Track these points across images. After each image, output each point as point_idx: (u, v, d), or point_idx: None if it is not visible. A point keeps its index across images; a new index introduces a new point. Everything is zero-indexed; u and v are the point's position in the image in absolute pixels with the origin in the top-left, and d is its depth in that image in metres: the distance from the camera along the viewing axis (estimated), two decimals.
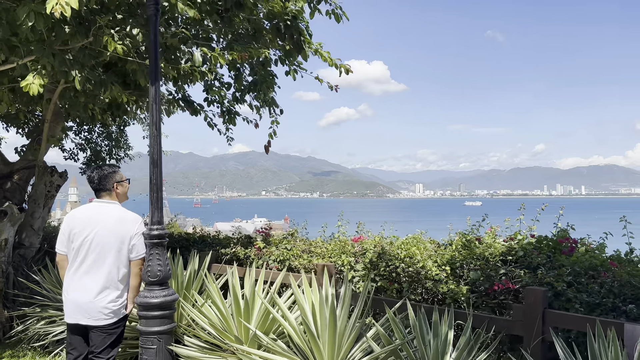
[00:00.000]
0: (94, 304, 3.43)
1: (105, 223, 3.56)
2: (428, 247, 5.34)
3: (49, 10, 3.73)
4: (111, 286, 3.50)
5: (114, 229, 3.56)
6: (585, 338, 2.95)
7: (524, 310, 3.38)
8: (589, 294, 3.64)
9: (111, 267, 3.50)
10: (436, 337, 3.17)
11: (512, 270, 4.34)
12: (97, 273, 3.48)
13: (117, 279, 3.53)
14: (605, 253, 4.61)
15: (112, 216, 3.60)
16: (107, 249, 3.51)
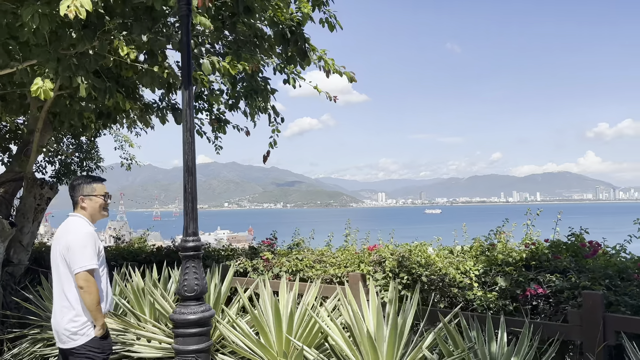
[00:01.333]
0: (59, 324, 3.36)
1: (57, 239, 3.46)
2: (441, 255, 5.30)
3: (63, 12, 3.52)
4: (65, 305, 3.34)
5: (57, 243, 3.42)
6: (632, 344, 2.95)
7: (582, 315, 3.35)
8: (630, 296, 3.66)
9: (62, 285, 3.36)
10: (495, 344, 3.09)
11: (543, 275, 4.33)
12: (55, 292, 3.43)
13: (69, 297, 3.33)
14: (626, 255, 4.67)
15: (63, 230, 3.47)
16: (55, 266, 3.41)
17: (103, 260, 3.47)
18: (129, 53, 4.37)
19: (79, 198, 3.47)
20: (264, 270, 5.89)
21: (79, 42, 4.55)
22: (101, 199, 3.51)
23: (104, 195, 3.53)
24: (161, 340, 4.18)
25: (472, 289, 4.59)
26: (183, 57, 3.57)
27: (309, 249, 6.43)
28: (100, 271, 3.41)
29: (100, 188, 3.54)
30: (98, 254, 3.38)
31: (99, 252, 3.40)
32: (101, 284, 3.41)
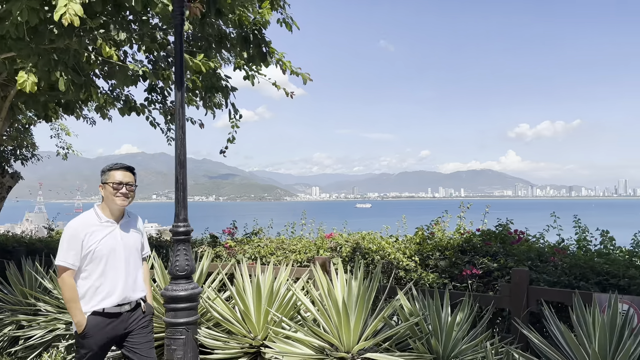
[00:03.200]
0: None
1: None
2: (390, 242, 5.99)
3: (57, 18, 3.73)
4: None
5: None
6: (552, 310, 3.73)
7: (511, 287, 4.12)
8: (547, 274, 4.50)
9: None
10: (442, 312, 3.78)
11: (477, 258, 5.11)
12: None
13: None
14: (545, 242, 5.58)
15: None
16: None
17: (99, 256, 3.27)
18: (111, 55, 4.61)
19: (99, 186, 3.42)
20: (227, 257, 6.31)
21: (58, 38, 4.74)
22: (110, 186, 3.33)
23: (117, 182, 3.34)
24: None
25: (417, 270, 5.30)
26: (176, 61, 3.93)
27: (268, 238, 6.92)
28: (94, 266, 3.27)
29: (116, 175, 3.37)
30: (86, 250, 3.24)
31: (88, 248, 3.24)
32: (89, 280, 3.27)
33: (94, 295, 3.28)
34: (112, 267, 3.32)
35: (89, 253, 3.26)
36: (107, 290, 3.30)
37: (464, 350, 3.67)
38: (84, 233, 3.26)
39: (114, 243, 3.34)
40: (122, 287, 3.34)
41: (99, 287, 3.29)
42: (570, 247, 5.45)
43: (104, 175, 3.41)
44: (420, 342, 3.54)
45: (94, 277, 3.29)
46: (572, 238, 5.66)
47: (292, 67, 7.30)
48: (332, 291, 3.80)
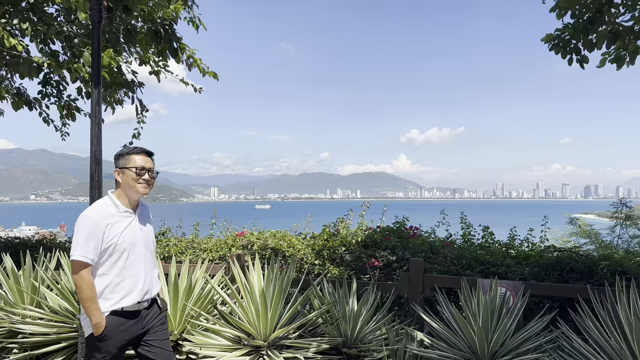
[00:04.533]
0: None
1: None
2: (299, 239, 6.31)
3: None
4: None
5: None
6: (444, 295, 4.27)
7: (409, 276, 4.60)
8: (439, 264, 5.08)
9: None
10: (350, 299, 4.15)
11: (378, 252, 5.59)
12: None
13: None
14: (436, 237, 6.23)
15: None
16: None
17: (121, 250, 2.96)
18: (15, 45, 4.40)
19: (114, 172, 3.05)
20: None
21: None
22: (133, 171, 2.99)
23: (139, 168, 3.00)
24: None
25: (325, 264, 5.66)
26: (94, 59, 3.88)
27: (176, 237, 6.90)
28: (114, 261, 2.95)
29: (137, 159, 3.04)
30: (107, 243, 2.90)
31: (110, 241, 2.91)
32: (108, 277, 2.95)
33: (113, 293, 2.96)
34: (133, 262, 3.02)
35: (109, 247, 2.92)
36: (127, 287, 2.99)
37: (369, 332, 4.07)
38: (105, 224, 2.90)
39: (134, 235, 3.04)
40: (143, 284, 3.06)
41: (118, 284, 2.97)
42: (457, 241, 6.16)
43: (122, 159, 3.05)
44: (332, 327, 3.86)
45: (113, 273, 2.96)
46: (458, 233, 6.39)
47: (202, 65, 7.36)
48: (250, 284, 4.00)
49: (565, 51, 4.86)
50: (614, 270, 4.49)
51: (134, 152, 3.06)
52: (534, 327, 3.78)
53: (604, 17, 4.96)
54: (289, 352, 3.76)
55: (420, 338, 3.93)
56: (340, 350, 3.95)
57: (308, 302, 4.41)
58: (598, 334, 3.41)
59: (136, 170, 2.99)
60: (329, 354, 3.94)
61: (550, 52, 4.86)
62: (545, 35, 4.96)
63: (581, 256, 4.83)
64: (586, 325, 3.51)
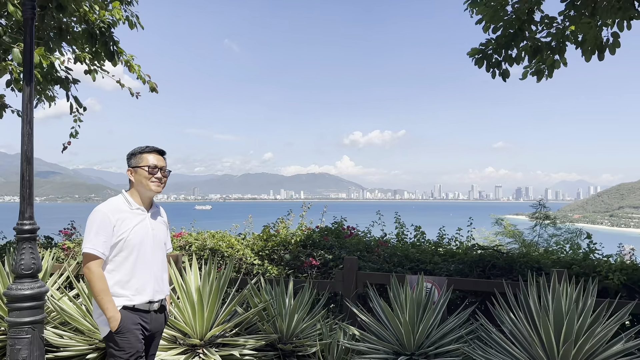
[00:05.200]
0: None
1: None
2: (239, 239, 6.37)
3: None
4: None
5: None
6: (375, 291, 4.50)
7: (343, 273, 4.79)
8: (372, 262, 5.31)
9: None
10: (287, 297, 4.28)
11: (316, 251, 5.75)
12: None
13: None
14: (372, 236, 6.48)
15: None
16: None
17: (131, 246, 2.91)
18: None
19: (127, 171, 3.06)
20: (66, 258, 6.03)
21: None
22: (145, 170, 2.98)
23: (152, 166, 3.00)
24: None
25: (264, 264, 5.76)
26: (26, 56, 3.76)
27: None
28: (124, 257, 2.90)
29: (150, 158, 3.04)
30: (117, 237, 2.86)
31: (120, 236, 2.87)
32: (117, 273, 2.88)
33: (124, 289, 2.90)
34: (143, 260, 2.96)
35: (119, 242, 2.88)
36: (137, 286, 2.93)
37: (305, 328, 4.21)
38: (116, 218, 2.87)
39: (145, 233, 2.98)
40: (154, 283, 3.00)
41: (128, 281, 2.91)
42: (392, 240, 6.44)
43: (134, 158, 3.06)
44: (268, 324, 3.98)
45: (122, 270, 2.90)
46: (393, 233, 6.68)
47: (141, 73, 7.22)
48: (186, 284, 4.04)
49: (489, 65, 5.22)
50: (531, 266, 4.89)
51: (146, 151, 3.06)
52: (456, 320, 4.07)
53: (524, 34, 5.38)
54: (225, 349, 3.84)
55: (352, 332, 4.12)
56: (275, 346, 4.07)
57: (245, 301, 4.50)
58: (512, 325, 3.73)
59: (148, 169, 2.99)
60: (265, 350, 4.05)
61: (475, 65, 5.22)
62: (470, 50, 5.32)
63: (502, 254, 5.21)
64: (502, 317, 3.83)
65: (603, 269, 4.69)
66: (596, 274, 4.65)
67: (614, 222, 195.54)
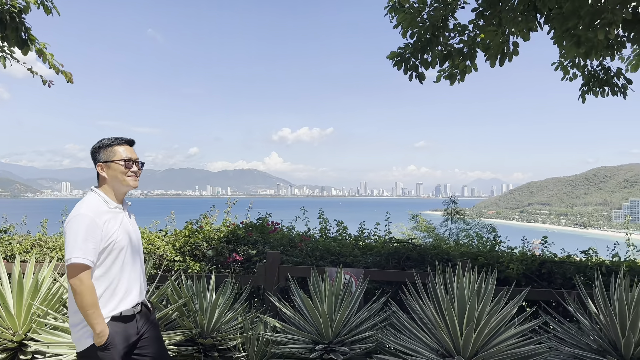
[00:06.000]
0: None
1: None
2: (159, 235, 6.27)
3: None
4: (69, 301, 2.69)
5: None
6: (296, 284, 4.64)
7: (266, 267, 4.87)
8: (295, 256, 5.45)
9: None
10: (208, 292, 4.30)
11: (240, 246, 5.80)
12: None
13: (69, 293, 2.67)
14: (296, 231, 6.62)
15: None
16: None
17: (119, 248, 2.71)
18: None
19: (97, 166, 2.81)
20: None
21: None
22: (121, 164, 2.78)
23: (127, 159, 2.81)
24: None
25: (186, 260, 5.72)
26: None
27: (20, 235, 6.39)
28: (111, 261, 2.68)
29: (124, 151, 2.82)
30: (105, 242, 2.64)
31: (108, 240, 2.65)
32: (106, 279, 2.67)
33: (111, 297, 2.68)
34: (128, 262, 2.76)
35: (108, 245, 2.64)
36: (124, 289, 2.73)
37: (227, 321, 4.27)
38: (102, 221, 2.64)
39: (127, 233, 2.79)
40: (140, 285, 2.85)
41: (116, 287, 2.69)
42: (315, 235, 6.62)
43: (104, 152, 2.80)
44: (188, 320, 3.99)
45: (111, 275, 2.67)
46: (317, 228, 6.87)
47: (54, 62, 6.87)
48: None
49: (406, 68, 5.53)
50: (441, 258, 5.25)
51: (116, 143, 2.84)
52: (371, 308, 4.30)
53: (439, 39, 5.73)
54: None
55: (273, 324, 4.22)
56: (196, 341, 4.09)
57: (165, 297, 4.47)
58: (421, 312, 4.01)
59: (124, 163, 2.79)
60: (185, 345, 4.06)
61: (394, 67, 5.50)
62: (390, 53, 5.59)
63: (416, 246, 5.54)
64: (413, 305, 4.10)
65: (505, 259, 5.14)
66: (499, 264, 5.08)
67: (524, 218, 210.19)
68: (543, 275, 5.06)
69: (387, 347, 4.13)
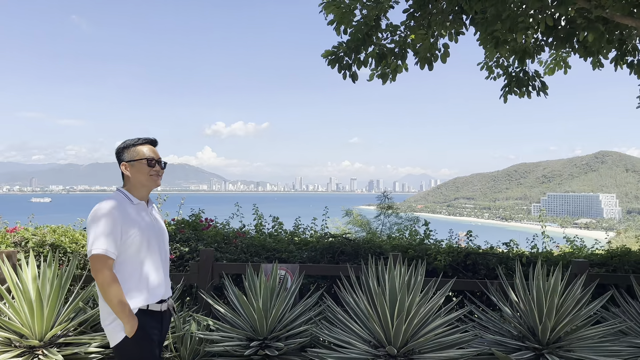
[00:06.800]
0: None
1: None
2: (85, 234, 5.98)
3: None
4: (99, 298, 2.68)
5: None
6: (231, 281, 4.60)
7: (199, 265, 4.77)
8: (230, 253, 5.38)
9: None
10: None
11: (171, 244, 5.64)
12: None
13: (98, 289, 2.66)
14: (230, 228, 6.53)
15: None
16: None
17: (142, 241, 2.66)
18: None
19: (120, 165, 2.81)
20: None
21: None
22: (144, 163, 2.77)
23: (149, 159, 2.80)
24: None
25: None
26: None
27: None
28: (132, 255, 2.63)
29: (147, 151, 2.82)
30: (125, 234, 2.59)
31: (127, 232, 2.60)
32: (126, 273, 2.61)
33: (136, 291, 2.63)
34: (151, 257, 2.72)
35: (129, 239, 2.61)
36: (149, 284, 2.68)
37: None
38: (123, 215, 2.62)
39: (150, 229, 2.75)
40: (164, 281, 2.80)
41: (139, 281, 2.65)
42: (250, 232, 6.56)
43: (128, 152, 2.81)
44: None
45: (131, 269, 2.63)
46: (252, 224, 6.81)
47: None
48: (23, 283, 3.71)
49: (340, 67, 5.61)
50: (374, 251, 5.39)
51: (139, 142, 2.86)
52: (306, 303, 4.34)
53: (372, 39, 5.86)
54: (68, 349, 3.62)
55: (206, 322, 4.16)
56: None
57: (92, 298, 4.27)
58: (355, 304, 4.10)
59: (148, 162, 2.80)
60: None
61: (328, 66, 5.56)
62: (324, 51, 5.65)
63: (350, 241, 5.65)
64: (347, 298, 4.19)
65: (433, 252, 5.36)
66: (427, 257, 5.29)
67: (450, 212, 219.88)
68: (468, 266, 5.32)
69: (322, 340, 4.19)
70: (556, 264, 4.82)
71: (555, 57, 6.76)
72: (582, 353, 3.84)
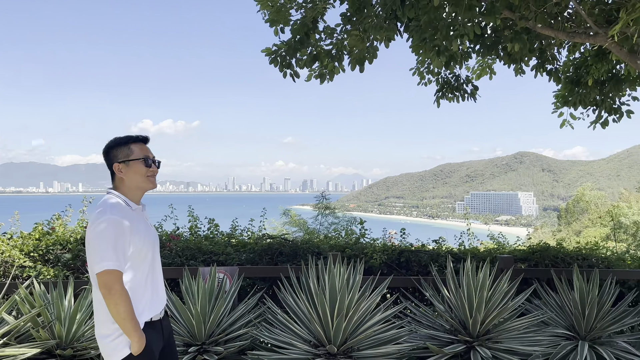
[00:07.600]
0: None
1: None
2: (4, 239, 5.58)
3: None
4: (96, 312, 2.44)
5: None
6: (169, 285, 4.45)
7: None
8: (164, 257, 5.22)
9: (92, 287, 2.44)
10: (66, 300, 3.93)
11: None
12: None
13: (96, 303, 2.42)
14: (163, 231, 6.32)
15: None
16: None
17: (146, 252, 2.46)
18: None
19: (113, 166, 2.54)
20: None
21: None
22: (141, 163, 2.53)
23: (144, 158, 2.55)
24: None
25: (36, 266, 5.15)
26: None
27: None
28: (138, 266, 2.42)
29: (141, 149, 2.57)
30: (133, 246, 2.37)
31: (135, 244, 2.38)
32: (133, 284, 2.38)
33: (140, 303, 2.44)
34: (152, 266, 2.55)
35: (135, 249, 2.40)
36: (151, 294, 2.52)
37: (87, 331, 3.94)
38: (129, 224, 2.38)
39: (148, 236, 2.53)
40: (163, 291, 2.65)
41: (144, 292, 2.48)
42: (185, 234, 6.39)
43: (120, 150, 2.55)
44: (44, 330, 3.61)
45: (138, 280, 2.43)
46: (186, 226, 6.63)
47: None
48: None
49: (282, 65, 5.61)
50: (312, 251, 5.43)
51: (132, 141, 2.60)
52: (246, 306, 4.30)
53: (310, 40, 5.90)
54: None
55: None
56: (53, 353, 3.72)
57: (15, 307, 3.99)
58: (295, 305, 4.12)
59: (144, 162, 2.57)
60: (42, 358, 3.67)
61: (271, 64, 5.55)
62: (265, 48, 5.63)
63: (288, 241, 5.66)
64: (287, 299, 4.19)
65: (369, 250, 5.49)
66: (364, 255, 5.41)
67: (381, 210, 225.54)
68: (402, 263, 5.50)
69: (262, 342, 4.17)
70: (484, 260, 5.10)
71: (481, 64, 7.14)
72: (509, 344, 4.10)
